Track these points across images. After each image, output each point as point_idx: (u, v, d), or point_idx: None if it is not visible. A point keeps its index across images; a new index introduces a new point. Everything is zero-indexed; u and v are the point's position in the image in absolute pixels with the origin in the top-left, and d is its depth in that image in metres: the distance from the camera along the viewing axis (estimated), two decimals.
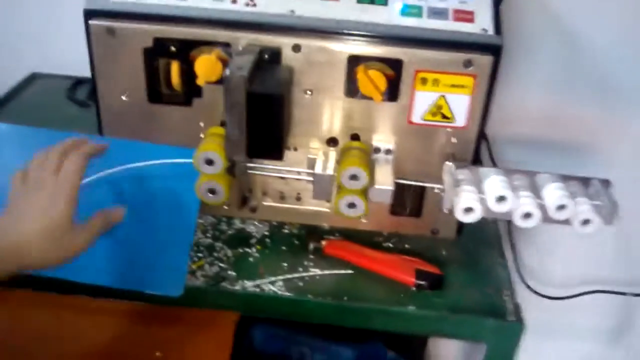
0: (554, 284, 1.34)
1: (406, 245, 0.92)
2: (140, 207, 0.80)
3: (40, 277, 0.72)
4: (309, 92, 0.81)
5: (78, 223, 0.67)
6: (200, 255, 0.88)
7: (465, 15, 0.81)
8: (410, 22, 0.80)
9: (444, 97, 0.80)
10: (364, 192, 0.79)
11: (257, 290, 0.83)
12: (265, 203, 0.91)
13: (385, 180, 0.79)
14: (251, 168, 0.80)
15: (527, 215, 0.77)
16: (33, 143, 0.80)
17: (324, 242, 0.89)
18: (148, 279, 0.80)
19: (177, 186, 0.81)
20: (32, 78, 1.28)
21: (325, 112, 0.83)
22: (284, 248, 0.90)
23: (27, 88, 1.25)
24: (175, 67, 0.80)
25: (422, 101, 0.81)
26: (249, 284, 0.84)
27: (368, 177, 0.77)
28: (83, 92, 1.20)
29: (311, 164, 0.81)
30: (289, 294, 0.83)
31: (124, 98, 0.84)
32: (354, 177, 0.77)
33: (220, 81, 0.75)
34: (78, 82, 1.22)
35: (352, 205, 0.79)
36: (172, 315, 0.84)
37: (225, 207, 0.93)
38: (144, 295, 0.79)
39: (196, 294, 0.83)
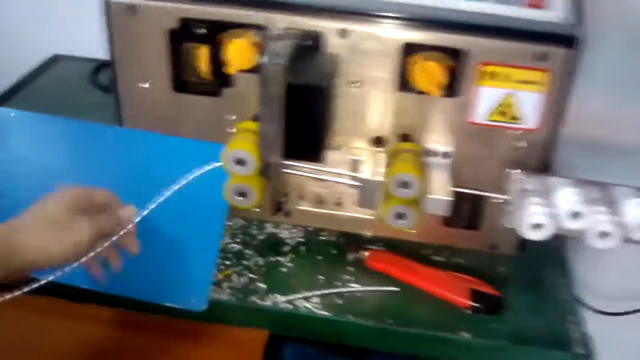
0: (611, 298, 1.22)
1: (459, 261, 0.83)
2: (160, 210, 0.71)
3: (57, 284, 0.64)
4: (355, 85, 0.72)
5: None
6: (227, 263, 0.80)
7: (539, 1, 0.70)
8: (476, 6, 0.70)
9: (512, 94, 0.70)
10: (416, 202, 0.68)
11: (290, 307, 0.74)
12: (300, 207, 0.82)
13: (441, 189, 0.69)
14: (287, 169, 0.70)
15: (604, 235, 0.67)
16: (45, 131, 0.75)
17: (365, 253, 0.81)
18: (169, 291, 0.73)
19: (203, 187, 0.71)
20: (54, 60, 1.23)
21: (372, 107, 0.73)
22: (320, 258, 0.81)
23: (48, 71, 1.20)
24: (203, 53, 0.72)
25: (486, 98, 0.71)
26: (280, 299, 0.75)
27: (421, 185, 0.66)
28: (106, 77, 1.14)
29: (355, 166, 0.71)
30: (325, 312, 0.74)
31: (145, 86, 0.76)
32: (404, 185, 0.66)
33: (254, 70, 0.66)
34: (101, 65, 1.16)
35: (401, 216, 0.69)
36: (194, 331, 0.76)
37: (257, 210, 0.83)
38: (165, 308, 0.72)
39: (222, 308, 0.75)
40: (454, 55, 0.68)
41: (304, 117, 0.64)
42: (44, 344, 0.76)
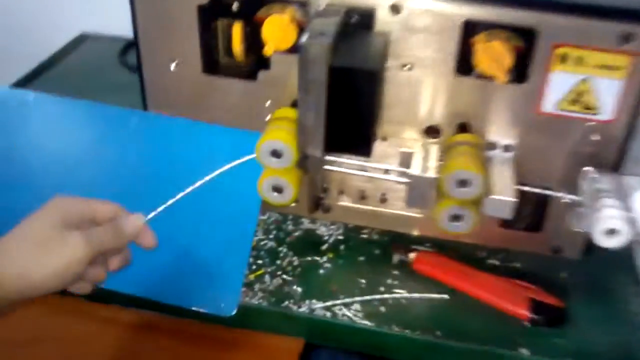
0: None
1: (516, 265, 0.75)
2: (188, 205, 0.65)
3: None
4: (407, 67, 0.63)
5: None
6: (259, 262, 0.73)
7: None
8: None
9: (589, 80, 0.61)
10: (475, 202, 0.60)
11: (328, 314, 0.67)
12: (341, 203, 0.74)
13: (504, 188, 0.61)
14: (328, 163, 0.62)
15: None
16: (66, 116, 0.71)
17: (412, 255, 0.73)
18: (196, 293, 0.67)
19: (235, 181, 0.65)
20: (81, 39, 1.19)
21: (426, 93, 0.65)
22: (361, 258, 0.74)
23: (75, 50, 1.16)
24: (237, 30, 0.65)
25: (559, 85, 0.62)
26: (317, 306, 0.68)
27: (483, 183, 0.58)
28: (135, 56, 1.06)
29: (405, 160, 0.64)
30: (367, 322, 0.67)
31: (173, 67, 0.69)
32: (463, 183, 0.59)
33: (294, 50, 0.58)
34: (130, 44, 1.11)
35: (457, 218, 0.61)
36: (222, 337, 0.70)
37: (292, 204, 0.76)
38: (191, 312, 0.65)
39: (253, 314, 0.68)
40: (522, 35, 0.60)
41: (350, 104, 0.56)
42: (70, 346, 0.70)
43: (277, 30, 0.61)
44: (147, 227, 0.56)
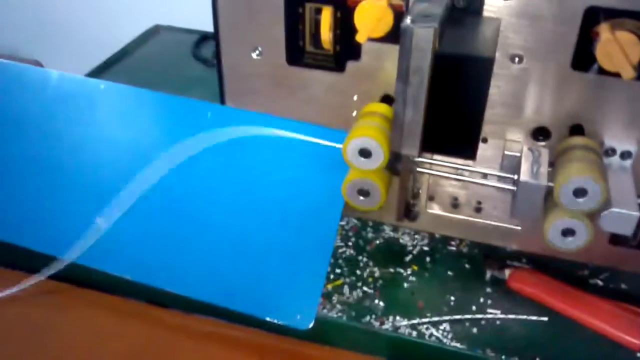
0: None
1: (623, 286, 0.66)
2: (259, 202, 0.60)
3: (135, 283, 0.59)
4: (516, 59, 0.56)
5: None
6: (337, 271, 0.67)
7: None
8: None
9: None
10: (590, 215, 0.53)
11: (414, 333, 0.60)
12: (430, 210, 0.67)
13: (626, 200, 0.53)
14: (423, 165, 0.56)
15: None
16: (137, 107, 0.67)
17: (507, 271, 0.65)
18: (270, 303, 0.61)
19: (317, 181, 0.59)
20: (155, 31, 1.16)
21: (536, 89, 0.57)
22: (450, 273, 0.67)
23: (148, 41, 1.14)
24: (326, 16, 0.58)
25: None
26: (402, 323, 0.61)
27: (603, 193, 0.50)
28: (209, 50, 1.06)
29: (510, 164, 0.56)
30: (458, 344, 0.59)
31: (254, 56, 0.64)
32: (581, 193, 0.51)
33: (391, 37, 0.52)
34: (204, 37, 1.09)
35: (570, 233, 0.53)
36: (295, 352, 0.63)
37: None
38: (263, 322, 0.60)
39: (330, 328, 0.62)
40: None
41: (456, 98, 0.49)
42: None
43: (372, 16, 0.55)
44: None
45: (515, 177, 0.55)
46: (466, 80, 0.48)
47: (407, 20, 0.47)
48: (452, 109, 0.50)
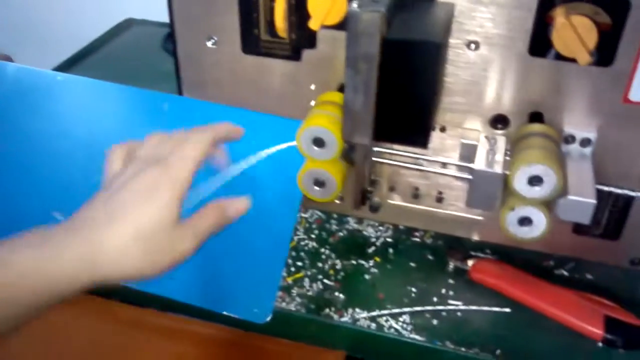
0: None
1: (588, 277, 0.66)
2: (219, 197, 0.59)
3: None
4: (473, 45, 0.55)
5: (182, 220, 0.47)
6: (299, 264, 0.66)
7: None
8: None
9: None
10: (547, 204, 0.52)
11: (373, 325, 0.60)
12: (391, 201, 0.67)
13: (583, 188, 0.52)
14: (377, 154, 0.55)
15: None
16: (95, 99, 0.66)
17: (470, 262, 0.65)
18: (228, 297, 0.61)
19: (273, 173, 0.58)
20: (127, 24, 1.15)
21: (494, 76, 0.57)
22: (412, 265, 0.66)
23: (120, 35, 1.13)
24: (280, 3, 0.57)
25: None
26: (361, 315, 0.61)
27: (559, 181, 0.50)
28: None
29: (467, 153, 0.56)
30: (417, 336, 0.59)
31: (209, 45, 0.62)
32: (536, 180, 0.50)
33: (344, 25, 0.50)
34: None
35: (526, 222, 0.53)
36: (254, 346, 0.63)
37: (337, 201, 0.69)
38: (221, 316, 0.60)
39: (289, 322, 0.61)
40: (612, 9, 0.51)
41: (406, 84, 0.48)
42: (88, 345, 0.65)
43: (324, 2, 0.54)
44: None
45: (472, 166, 0.54)
46: (415, 66, 0.47)
47: (354, 5, 0.46)
48: (403, 96, 0.49)
